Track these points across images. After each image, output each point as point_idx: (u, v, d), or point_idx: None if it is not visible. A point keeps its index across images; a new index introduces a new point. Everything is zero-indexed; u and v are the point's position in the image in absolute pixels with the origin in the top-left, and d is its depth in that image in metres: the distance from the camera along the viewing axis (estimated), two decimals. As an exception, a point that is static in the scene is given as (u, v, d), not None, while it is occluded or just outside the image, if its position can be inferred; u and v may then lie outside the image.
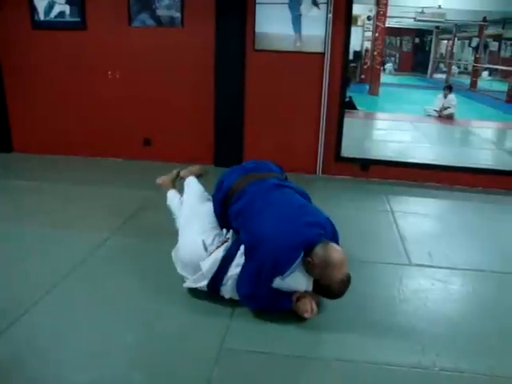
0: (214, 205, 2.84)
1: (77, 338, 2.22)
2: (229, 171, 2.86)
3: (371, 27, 14.98)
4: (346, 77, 4.77)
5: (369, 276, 2.91)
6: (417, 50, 25.55)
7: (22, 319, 2.33)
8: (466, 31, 20.68)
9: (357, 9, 15.63)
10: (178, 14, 4.80)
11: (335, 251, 2.31)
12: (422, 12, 14.68)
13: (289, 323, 2.37)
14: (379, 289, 2.78)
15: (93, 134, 5.29)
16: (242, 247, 2.47)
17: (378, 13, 13.00)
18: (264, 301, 2.40)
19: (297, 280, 2.38)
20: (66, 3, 5.00)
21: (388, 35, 24.23)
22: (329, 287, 2.37)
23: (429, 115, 9.63)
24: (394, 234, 3.57)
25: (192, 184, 3.16)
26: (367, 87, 13.95)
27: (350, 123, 7.96)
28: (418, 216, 4.05)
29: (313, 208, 2.62)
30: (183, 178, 3.32)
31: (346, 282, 2.35)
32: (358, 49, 17.11)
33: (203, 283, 2.48)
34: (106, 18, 4.93)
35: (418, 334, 2.35)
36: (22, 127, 5.42)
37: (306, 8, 4.56)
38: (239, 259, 2.45)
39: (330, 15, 4.53)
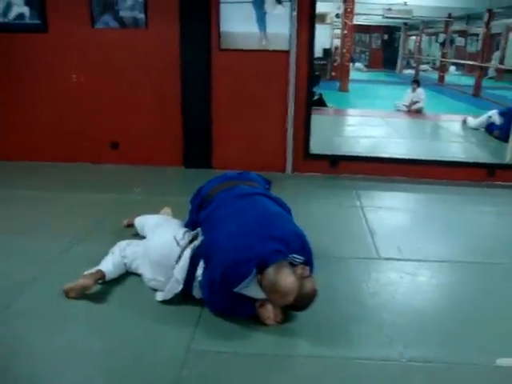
0: (191, 211, 2.84)
1: (41, 344, 2.17)
2: (211, 179, 2.87)
3: (340, 25, 15.11)
4: (312, 74, 4.78)
5: (337, 271, 2.93)
6: (386, 47, 25.84)
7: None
8: (432, 27, 21.05)
9: (325, 7, 15.71)
10: (141, 15, 4.73)
11: (286, 278, 2.18)
12: (389, 9, 14.86)
13: (257, 324, 2.34)
14: (348, 284, 2.79)
15: (59, 139, 5.17)
16: None
17: (345, 10, 13.10)
18: (224, 306, 2.36)
19: (255, 291, 2.30)
20: (25, 5, 4.89)
21: (357, 32, 24.51)
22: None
23: (398, 110, 9.74)
24: (364, 228, 3.59)
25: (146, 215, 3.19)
26: (338, 84, 14.04)
27: (321, 120, 8.01)
28: (387, 210, 4.09)
29: (282, 219, 2.52)
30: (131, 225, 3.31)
31: (308, 295, 2.28)
32: (327, 46, 17.23)
33: (178, 289, 2.43)
34: (67, 20, 4.82)
35: (387, 326, 2.37)
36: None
37: (270, 6, 4.55)
38: None
39: (295, 13, 4.53)
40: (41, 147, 5.19)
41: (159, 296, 2.50)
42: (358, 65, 23.01)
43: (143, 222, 3.09)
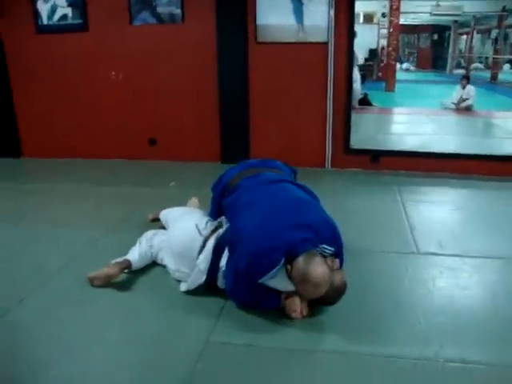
0: (213, 199, 2.76)
1: (59, 333, 2.15)
2: (232, 167, 2.79)
3: (386, 24, 14.75)
4: (351, 65, 4.62)
5: (373, 265, 2.77)
6: (435, 47, 25.07)
7: (7, 315, 2.27)
8: (484, 23, 20.18)
9: (371, 6, 15.47)
10: (178, 11, 4.74)
11: (317, 268, 2.05)
12: (438, 5, 14.36)
13: (281, 317, 2.22)
14: (383, 278, 2.63)
15: (98, 136, 5.26)
16: None
17: (391, 7, 12.76)
18: (247, 298, 2.24)
19: (282, 283, 2.18)
20: (69, 6, 5.00)
21: (405, 33, 23.90)
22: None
23: (446, 108, 9.36)
24: (403, 223, 3.40)
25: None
26: (384, 85, 13.70)
27: (364, 119, 7.83)
28: (429, 205, 3.88)
29: (311, 206, 2.38)
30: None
31: (338, 288, 2.16)
32: (373, 47, 16.87)
33: (202, 280, 2.36)
34: (107, 19, 4.91)
35: (423, 324, 2.20)
36: (29, 132, 5.43)
37: (306, -3, 4.44)
38: None
39: (333, 3, 4.40)
40: (80, 144, 5.30)
41: (183, 286, 2.44)
42: (405, 65, 22.44)
43: (167, 214, 3.03)
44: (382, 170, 4.74)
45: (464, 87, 9.26)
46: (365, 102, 9.34)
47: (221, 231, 2.43)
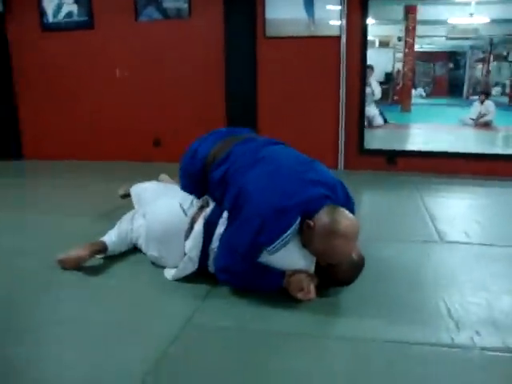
0: (190, 177, 2.30)
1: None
2: (200, 139, 2.37)
3: (402, 48, 14.64)
4: (365, 62, 4.38)
5: (393, 253, 2.44)
6: (451, 73, 24.93)
7: None
8: (501, 47, 19.93)
9: (387, 30, 15.44)
10: (185, 5, 4.58)
11: (345, 218, 1.79)
12: (454, 28, 14.21)
13: (278, 301, 1.88)
14: (405, 265, 2.30)
15: (102, 136, 5.06)
16: (225, 214, 2.02)
17: (407, 28, 12.65)
18: (245, 276, 1.89)
19: (291, 256, 1.86)
20: (74, 2, 4.89)
21: (420, 60, 23.81)
22: (333, 268, 1.85)
23: (464, 124, 9.05)
24: (424, 215, 3.08)
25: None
26: (399, 108, 13.46)
27: (379, 133, 7.58)
28: (451, 200, 3.60)
29: (321, 167, 2.07)
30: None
31: (357, 262, 1.85)
32: (389, 70, 16.76)
33: (193, 268, 2.03)
34: (112, 15, 4.77)
35: (451, 310, 1.86)
36: (32, 132, 5.26)
37: (318, -12, 4.25)
38: (222, 228, 2.00)
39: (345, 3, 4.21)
40: (82, 145, 5.10)
41: (169, 274, 2.10)
42: (419, 90, 22.24)
43: (140, 191, 2.59)
44: (399, 171, 4.43)
45: (482, 102, 8.97)
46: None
47: (208, 210, 2.10)
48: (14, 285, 2.10)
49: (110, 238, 2.30)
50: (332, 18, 4.30)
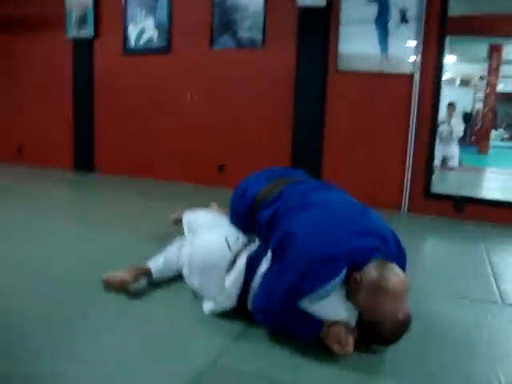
0: (233, 215, 2.27)
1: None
2: (251, 178, 2.32)
3: (483, 87, 14.08)
4: (438, 101, 4.21)
5: (447, 312, 2.26)
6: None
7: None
8: None
9: (469, 68, 14.93)
10: (259, 36, 4.66)
11: (395, 275, 1.69)
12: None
13: (313, 352, 1.77)
14: (458, 327, 2.12)
15: (171, 158, 5.22)
16: (270, 253, 1.95)
17: (490, 67, 12.15)
18: (282, 319, 1.80)
19: (332, 307, 1.77)
20: (156, 28, 5.13)
21: (504, 102, 22.73)
22: (376, 325, 1.73)
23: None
24: (487, 271, 2.86)
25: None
26: (476, 149, 12.87)
27: (450, 176, 7.26)
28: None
29: (375, 214, 1.98)
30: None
31: (403, 322, 1.71)
32: (468, 110, 16.15)
33: (231, 305, 1.99)
34: (189, 42, 4.96)
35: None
36: (105, 148, 5.53)
37: (393, 25, 4.17)
38: (265, 266, 1.94)
39: (421, 33, 4.09)
40: (149, 165, 5.28)
41: (207, 308, 2.06)
42: (500, 132, 21.17)
43: (192, 219, 2.58)
44: (467, 219, 4.18)
45: None
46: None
47: (253, 246, 2.05)
48: (55, 298, 2.16)
49: (157, 264, 2.31)
50: (406, 55, 4.19)
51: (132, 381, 1.59)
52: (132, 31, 5.27)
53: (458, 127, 8.42)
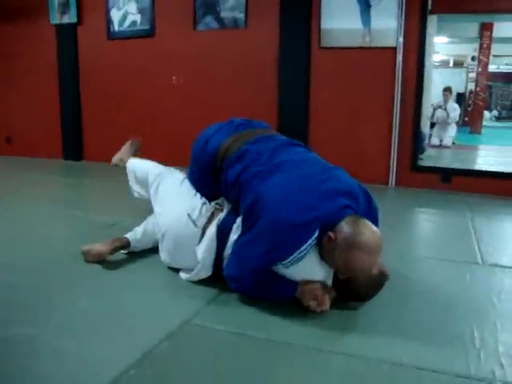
0: (195, 167, 2.21)
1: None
2: (211, 128, 2.25)
3: (475, 68, 14.03)
4: (421, 73, 4.20)
5: (426, 272, 2.29)
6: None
7: None
8: None
9: (461, 49, 14.87)
10: (241, 15, 4.63)
11: (368, 229, 1.69)
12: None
13: (288, 310, 1.80)
14: (438, 286, 2.13)
15: (158, 141, 5.18)
16: (239, 219, 1.93)
17: (480, 46, 12.10)
18: (255, 286, 1.82)
19: (307, 268, 1.77)
20: (138, 13, 5.09)
21: (497, 82, 22.64)
22: (351, 281, 1.75)
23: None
24: (470, 236, 2.88)
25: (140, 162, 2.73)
26: (469, 129, 12.85)
27: (441, 153, 7.26)
28: (502, 225, 3.34)
29: (343, 174, 1.96)
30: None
31: (378, 276, 1.73)
32: (461, 91, 16.10)
33: (207, 274, 2.00)
34: (172, 24, 4.92)
35: (478, 339, 1.69)
36: (92, 135, 5.51)
37: (375, -2, 4.15)
38: (235, 235, 1.92)
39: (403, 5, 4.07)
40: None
41: (183, 275, 2.07)
42: (493, 113, 21.12)
43: (137, 169, 2.67)
44: (454, 190, 4.19)
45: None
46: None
47: (222, 215, 2.02)
48: (38, 271, 2.19)
49: (135, 234, 2.31)
50: (389, 29, 4.17)
51: (102, 340, 1.61)
52: (115, 15, 5.23)
53: (454, 112, 8.45)
